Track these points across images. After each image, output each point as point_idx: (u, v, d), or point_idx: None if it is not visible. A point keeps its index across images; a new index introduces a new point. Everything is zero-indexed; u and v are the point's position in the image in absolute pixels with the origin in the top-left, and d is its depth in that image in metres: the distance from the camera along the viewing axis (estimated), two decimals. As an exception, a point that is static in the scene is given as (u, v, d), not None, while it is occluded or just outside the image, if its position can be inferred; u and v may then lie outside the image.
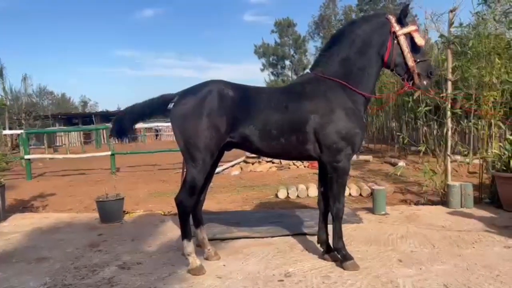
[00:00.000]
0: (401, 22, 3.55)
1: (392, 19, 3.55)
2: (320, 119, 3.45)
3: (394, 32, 3.53)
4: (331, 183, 3.57)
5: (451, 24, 5.75)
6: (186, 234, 3.60)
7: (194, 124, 3.40)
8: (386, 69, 3.85)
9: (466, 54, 5.81)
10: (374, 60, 3.62)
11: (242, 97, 3.52)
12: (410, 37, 3.54)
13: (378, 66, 3.68)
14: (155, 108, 3.70)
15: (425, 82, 3.62)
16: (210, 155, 3.48)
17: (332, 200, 3.58)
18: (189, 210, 3.62)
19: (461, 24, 5.80)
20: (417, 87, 3.70)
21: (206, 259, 3.83)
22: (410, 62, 3.53)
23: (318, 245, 3.92)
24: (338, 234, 3.63)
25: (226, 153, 3.93)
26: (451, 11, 5.73)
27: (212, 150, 3.47)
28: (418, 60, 3.55)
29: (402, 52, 3.54)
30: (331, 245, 3.74)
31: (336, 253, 3.69)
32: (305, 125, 3.47)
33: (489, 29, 5.59)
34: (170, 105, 3.61)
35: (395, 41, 3.54)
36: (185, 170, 3.68)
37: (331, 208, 3.62)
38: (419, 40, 3.53)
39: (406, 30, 3.53)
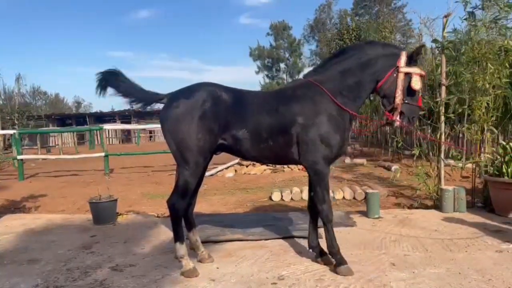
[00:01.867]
0: (410, 60, 3.55)
1: (403, 55, 3.56)
2: (303, 121, 3.48)
3: (398, 66, 3.54)
4: (314, 187, 3.58)
5: (445, 29, 5.79)
6: (178, 237, 3.59)
7: (188, 127, 3.38)
8: (376, 95, 3.85)
9: (460, 59, 5.85)
10: (369, 80, 3.63)
11: (235, 100, 3.53)
12: (409, 77, 3.54)
13: (370, 89, 3.68)
14: (145, 97, 3.67)
15: (404, 123, 3.63)
16: (203, 158, 3.49)
17: (319, 204, 3.54)
18: (181, 213, 3.60)
19: (455, 30, 5.85)
20: (391, 122, 3.68)
21: (200, 261, 3.82)
22: (398, 100, 3.54)
23: (310, 250, 3.92)
24: (331, 237, 3.58)
25: (220, 155, 3.93)
26: (445, 16, 5.77)
27: (205, 153, 3.48)
28: (406, 101, 3.56)
29: (396, 88, 3.54)
30: (325, 249, 3.74)
31: (330, 257, 3.68)
32: (291, 127, 3.49)
33: (480, 35, 5.63)
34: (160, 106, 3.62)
35: (395, 75, 3.55)
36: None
37: (319, 213, 3.60)
38: (415, 84, 3.52)
39: (408, 69, 3.53)
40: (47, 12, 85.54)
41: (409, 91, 3.56)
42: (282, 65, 48.03)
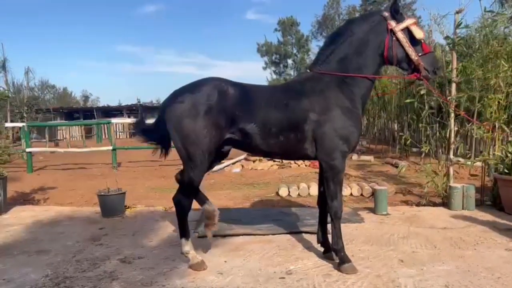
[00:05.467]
0: (395, 17, 3.47)
1: (388, 16, 3.47)
2: (317, 117, 3.43)
3: (391, 29, 3.45)
4: (327, 182, 3.52)
5: (457, 25, 5.72)
6: (184, 232, 3.60)
7: (193, 123, 3.33)
8: (391, 65, 3.77)
9: (471, 56, 5.80)
10: (371, 59, 3.56)
11: (242, 95, 3.48)
12: (408, 31, 3.43)
13: (377, 65, 3.62)
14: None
15: (431, 76, 3.51)
16: (209, 154, 3.45)
17: (330, 199, 3.51)
18: (187, 210, 3.59)
19: (467, 26, 5.77)
20: (426, 78, 3.54)
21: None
22: (414, 56, 3.44)
23: (318, 245, 3.92)
24: (337, 234, 3.54)
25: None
26: (457, 12, 5.71)
27: (210, 149, 3.43)
28: (420, 54, 3.45)
29: (403, 48, 3.45)
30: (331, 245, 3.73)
31: (333, 254, 3.65)
32: (303, 123, 3.44)
33: (499, 31, 5.56)
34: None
35: (394, 38, 3.46)
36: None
37: (329, 208, 3.56)
38: (418, 33, 3.41)
39: (403, 25, 3.43)
40: (56, 6, 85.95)
41: (415, 43, 3.45)
42: (289, 61, 47.85)
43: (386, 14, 3.51)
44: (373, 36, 3.52)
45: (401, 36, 3.44)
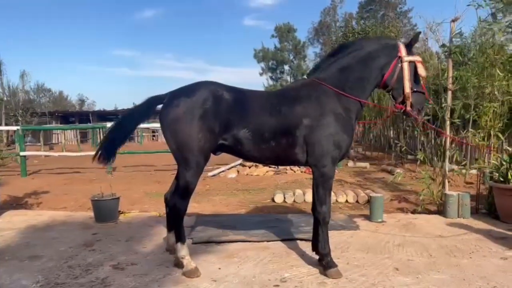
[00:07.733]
0: (410, 48, 3.65)
1: (401, 45, 3.65)
2: (310, 123, 3.47)
3: (400, 57, 3.60)
4: (316, 188, 3.58)
5: (453, 34, 5.74)
6: (180, 237, 3.57)
7: (189, 126, 3.34)
8: (382, 89, 3.89)
9: (467, 64, 5.81)
10: (373, 75, 3.67)
11: (237, 100, 3.50)
12: (414, 65, 3.62)
13: (375, 83, 3.74)
14: (144, 115, 3.60)
15: (415, 113, 3.68)
16: (204, 158, 3.46)
17: (319, 204, 3.56)
18: (183, 214, 3.58)
19: (461, 34, 5.79)
20: (408, 114, 3.72)
21: (176, 265, 3.71)
22: (407, 89, 3.61)
23: (313, 253, 3.89)
24: (325, 239, 3.60)
25: (223, 155, 3.89)
26: (453, 20, 5.73)
27: (206, 153, 3.45)
28: (415, 90, 3.63)
29: (403, 77, 3.61)
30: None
31: (321, 258, 3.64)
32: (296, 129, 3.48)
33: (496, 39, 5.57)
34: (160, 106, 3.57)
35: (399, 65, 3.61)
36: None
37: (317, 213, 3.59)
38: (422, 70, 3.62)
39: (412, 58, 3.63)
40: (54, 10, 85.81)
41: (416, 79, 3.65)
42: (286, 67, 48.06)
43: (401, 43, 3.68)
44: (383, 55, 3.66)
45: (406, 66, 3.61)
